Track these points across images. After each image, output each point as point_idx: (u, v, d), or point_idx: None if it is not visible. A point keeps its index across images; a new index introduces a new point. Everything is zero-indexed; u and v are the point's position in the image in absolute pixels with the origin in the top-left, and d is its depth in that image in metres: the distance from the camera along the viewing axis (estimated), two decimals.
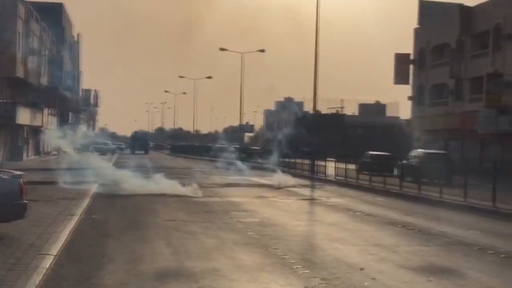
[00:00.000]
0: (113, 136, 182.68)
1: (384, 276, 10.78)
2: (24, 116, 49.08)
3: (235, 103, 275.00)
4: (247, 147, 77.83)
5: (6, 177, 14.31)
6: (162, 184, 27.79)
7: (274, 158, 50.53)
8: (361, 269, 11.30)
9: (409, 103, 75.16)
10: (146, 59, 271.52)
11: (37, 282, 9.43)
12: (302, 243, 14.02)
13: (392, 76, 73.53)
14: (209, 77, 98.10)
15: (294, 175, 41.92)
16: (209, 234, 15.27)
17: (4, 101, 44.74)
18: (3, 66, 44.55)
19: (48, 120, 65.06)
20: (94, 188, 27.53)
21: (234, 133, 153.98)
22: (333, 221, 18.17)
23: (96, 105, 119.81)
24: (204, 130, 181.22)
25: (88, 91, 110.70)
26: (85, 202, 21.95)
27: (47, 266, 10.63)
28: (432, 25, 68.70)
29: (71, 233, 14.71)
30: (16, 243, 12.51)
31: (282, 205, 22.66)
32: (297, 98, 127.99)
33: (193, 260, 11.76)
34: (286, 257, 12.34)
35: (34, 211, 17.96)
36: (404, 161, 33.60)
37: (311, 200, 25.25)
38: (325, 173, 40.68)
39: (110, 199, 23.74)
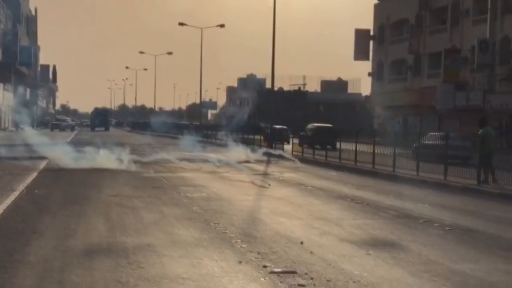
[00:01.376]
0: (75, 113, 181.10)
1: (323, 250, 10.45)
2: None
3: (197, 80, 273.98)
4: (207, 124, 77.18)
5: None
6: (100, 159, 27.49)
7: (233, 134, 50.22)
8: (301, 243, 10.96)
9: (370, 79, 75.39)
10: (105, 34, 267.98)
11: None
12: (245, 218, 13.64)
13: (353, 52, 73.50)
14: (170, 53, 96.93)
15: (252, 150, 41.56)
16: (152, 209, 14.81)
17: None
18: None
19: (3, 96, 63.69)
20: (43, 164, 26.92)
21: (197, 110, 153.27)
22: (281, 196, 17.84)
23: (54, 81, 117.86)
24: (168, 107, 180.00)
25: (46, 67, 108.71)
26: (31, 178, 21.37)
27: None
28: (391, 0, 68.61)
29: (7, 209, 14.16)
30: None
31: (233, 180, 22.26)
32: (259, 75, 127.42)
33: (128, 236, 11.30)
34: (226, 231, 11.95)
35: None
36: (302, 133, 41.78)
37: (264, 175, 24.89)
38: (282, 149, 40.49)
39: (57, 174, 23.14)
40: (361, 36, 72.19)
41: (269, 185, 20.30)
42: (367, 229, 12.59)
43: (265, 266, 9.19)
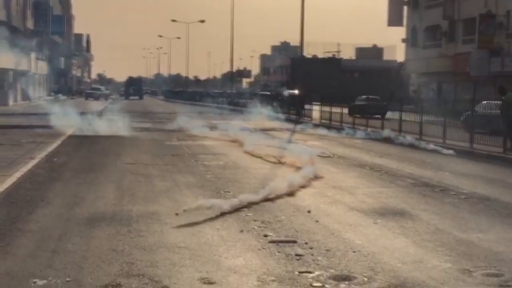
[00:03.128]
0: (111, 82, 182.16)
1: (329, 219, 10.22)
2: (7, 60, 48.19)
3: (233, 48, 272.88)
4: (238, 92, 76.87)
5: None
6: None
7: (264, 102, 49.96)
8: (308, 211, 10.74)
9: (404, 46, 74.16)
10: (138, 3, 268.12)
11: None
12: (256, 186, 13.38)
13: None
14: (202, 21, 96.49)
15: (280, 119, 41.34)
16: (166, 177, 14.70)
17: None
18: None
19: (36, 65, 64.13)
20: (69, 132, 26.99)
21: (233, 78, 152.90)
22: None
23: (88, 50, 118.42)
24: (203, 75, 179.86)
25: (80, 36, 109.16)
26: (53, 146, 21.38)
27: None
28: None
29: (22, 177, 14.14)
30: None
31: (254, 147, 22.01)
32: (293, 42, 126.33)
33: (135, 204, 11.19)
34: (235, 200, 11.77)
35: None
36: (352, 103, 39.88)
37: (287, 143, 24.60)
38: (311, 117, 40.15)
39: (80, 142, 23.17)
40: (394, 1, 70.92)
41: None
42: (380, 198, 12.31)
43: (266, 235, 9.01)
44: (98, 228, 9.28)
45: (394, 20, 71.94)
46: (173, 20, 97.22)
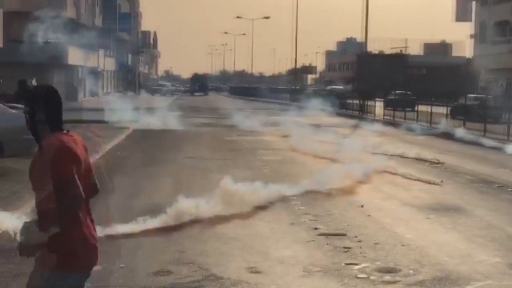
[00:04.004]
0: (177, 79, 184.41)
1: (381, 213, 10.28)
2: (76, 57, 49.40)
3: (298, 44, 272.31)
4: (301, 88, 76.83)
5: (15, 112, 14.24)
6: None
7: (326, 98, 49.83)
8: (361, 206, 10.81)
9: (473, 41, 72.86)
10: (202, 0, 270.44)
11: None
12: (313, 181, 13.49)
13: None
14: (267, 17, 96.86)
15: (342, 115, 41.27)
16: (223, 171, 14.87)
17: (55, 41, 44.99)
18: (53, 6, 44.66)
19: (104, 61, 65.48)
20: (134, 127, 27.59)
21: (298, 74, 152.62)
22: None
23: (155, 47, 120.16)
24: (268, 72, 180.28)
25: (147, 33, 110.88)
26: (117, 140, 21.94)
27: None
28: None
29: None
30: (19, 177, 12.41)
31: (313, 143, 22.07)
32: (359, 39, 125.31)
33: (188, 197, 11.42)
34: (287, 194, 11.93)
35: None
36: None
37: (345, 139, 24.57)
38: (374, 113, 39.91)
39: (144, 137, 23.68)
40: None
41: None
42: (435, 194, 12.27)
43: (316, 228, 9.13)
44: (153, 217, 9.54)
45: (461, 15, 70.92)
46: (238, 17, 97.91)
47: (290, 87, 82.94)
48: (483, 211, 10.60)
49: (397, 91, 45.48)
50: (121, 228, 8.75)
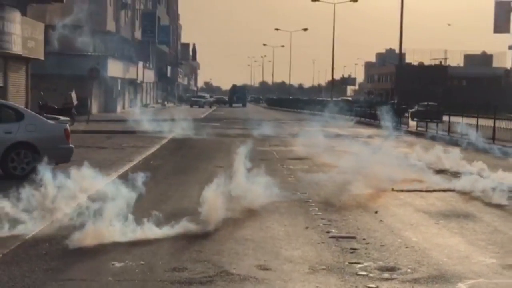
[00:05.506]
0: (217, 90, 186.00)
1: (393, 219, 10.80)
2: (116, 69, 50.67)
3: (336, 56, 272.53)
4: (339, 100, 77.12)
5: (52, 122, 15.11)
6: None
7: (362, 110, 50.25)
8: (376, 212, 11.34)
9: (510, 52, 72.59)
10: (242, 13, 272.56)
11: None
12: (334, 189, 14.04)
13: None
14: (305, 29, 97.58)
15: (377, 126, 41.60)
16: (250, 180, 15.52)
17: (96, 54, 46.30)
18: (93, 20, 45.96)
19: (143, 73, 66.83)
20: (168, 137, 28.40)
21: (336, 86, 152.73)
22: None
23: (194, 58, 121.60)
24: (307, 83, 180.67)
25: (186, 45, 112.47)
26: (152, 150, 22.73)
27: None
28: None
29: (118, 177, 15.35)
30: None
31: (341, 153, 22.57)
32: (398, 50, 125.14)
33: (211, 204, 12.04)
34: (309, 200, 12.53)
35: (97, 157, 18.91)
36: None
37: (377, 149, 24.97)
38: (407, 125, 40.22)
39: (177, 147, 24.45)
40: (501, 7, 69.69)
41: None
42: (451, 201, 12.72)
43: (328, 232, 9.70)
44: (177, 221, 10.18)
45: (500, 26, 70.70)
46: (277, 29, 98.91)
47: (322, 99, 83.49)
48: (492, 217, 11.04)
49: (424, 103, 45.92)
50: (147, 231, 9.39)
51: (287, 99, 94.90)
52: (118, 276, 7.34)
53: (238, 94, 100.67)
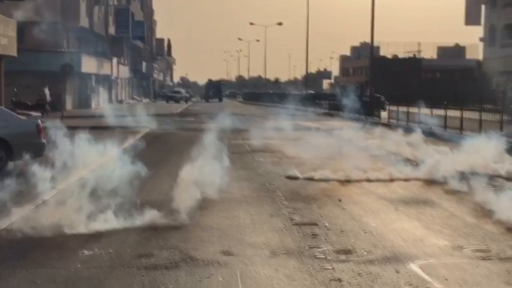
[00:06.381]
0: (193, 86, 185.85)
1: (356, 206, 11.20)
2: (90, 65, 50.70)
3: (313, 49, 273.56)
4: (315, 94, 77.62)
5: (24, 118, 15.34)
6: None
7: (337, 104, 50.78)
8: (339, 200, 11.74)
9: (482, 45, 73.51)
10: (216, 7, 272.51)
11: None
12: (301, 180, 14.42)
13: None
14: (280, 24, 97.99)
15: (349, 119, 42.14)
16: (220, 172, 15.85)
17: (69, 50, 46.34)
18: (66, 16, 45.99)
19: (118, 69, 66.83)
20: (142, 133, 28.64)
21: (313, 80, 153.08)
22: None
23: (169, 54, 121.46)
24: (284, 77, 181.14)
25: (161, 41, 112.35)
26: (125, 145, 22.95)
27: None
28: None
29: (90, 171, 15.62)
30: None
31: (310, 146, 22.94)
32: (374, 42, 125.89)
33: (181, 193, 12.33)
34: (277, 191, 12.90)
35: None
36: None
37: (346, 142, 25.43)
38: (379, 117, 40.83)
39: (151, 142, 24.69)
40: (472, 0, 70.45)
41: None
42: (413, 189, 13.17)
43: (292, 219, 10.08)
44: (144, 211, 10.48)
45: (471, 18, 71.49)
46: (251, 23, 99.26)
47: (303, 92, 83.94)
48: (451, 204, 11.49)
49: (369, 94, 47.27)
50: (116, 221, 9.70)
51: (263, 94, 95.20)
52: (87, 264, 7.66)
53: (214, 89, 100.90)
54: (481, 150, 16.67)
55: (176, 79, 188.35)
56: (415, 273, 7.18)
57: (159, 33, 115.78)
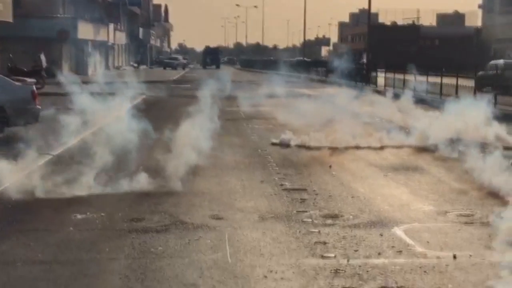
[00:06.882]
0: (191, 52, 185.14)
1: (345, 172, 11.39)
2: (86, 31, 50.44)
3: (311, 15, 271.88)
4: (312, 61, 77.50)
5: (19, 84, 15.44)
6: None
7: (333, 70, 50.76)
8: (330, 166, 11.91)
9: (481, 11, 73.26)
10: None
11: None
12: (294, 147, 14.56)
13: None
14: None
15: (348, 86, 42.19)
16: (214, 138, 15.98)
17: (64, 15, 46.12)
18: None
19: (114, 35, 66.52)
20: (140, 98, 28.68)
21: (311, 47, 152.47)
22: None
23: (166, 20, 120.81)
24: (283, 44, 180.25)
25: (158, 6, 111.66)
26: (121, 112, 23.05)
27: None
28: None
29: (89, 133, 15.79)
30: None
31: (302, 111, 22.96)
32: (373, 9, 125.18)
33: (175, 159, 12.47)
34: (268, 157, 13.07)
35: (66, 119, 19.28)
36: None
37: (339, 109, 25.51)
38: (376, 84, 40.89)
39: (146, 108, 24.78)
40: None
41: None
42: (403, 156, 13.36)
43: (282, 185, 10.27)
44: (137, 177, 10.63)
45: None
46: None
47: (300, 58, 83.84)
48: (440, 170, 11.67)
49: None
50: (110, 185, 9.87)
51: (259, 61, 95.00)
52: (79, 226, 7.85)
53: (211, 56, 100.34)
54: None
55: (174, 45, 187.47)
56: (398, 237, 7.38)
57: None
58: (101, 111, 22.14)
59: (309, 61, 73.38)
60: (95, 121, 19.13)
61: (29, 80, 16.76)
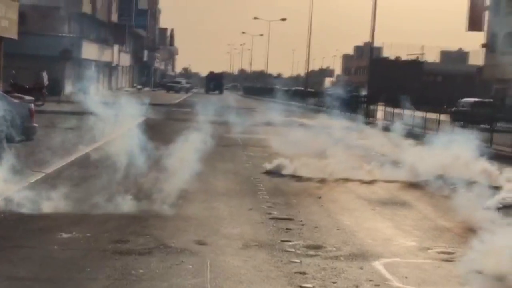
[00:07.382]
0: (195, 77, 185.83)
1: (334, 204, 11.49)
2: (90, 51, 50.83)
3: (316, 47, 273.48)
4: (314, 91, 77.80)
5: (17, 101, 15.59)
6: None
7: (332, 101, 51.00)
8: (319, 197, 12.01)
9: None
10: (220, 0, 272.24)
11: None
12: (287, 175, 14.67)
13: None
14: (283, 19, 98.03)
15: (345, 117, 42.36)
16: (208, 164, 16.10)
17: (70, 35, 46.51)
18: (69, 1, 46.19)
19: (119, 57, 66.97)
20: (137, 121, 28.81)
21: (316, 77, 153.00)
22: None
23: (171, 44, 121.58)
24: (287, 73, 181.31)
25: (164, 30, 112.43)
26: (118, 133, 23.19)
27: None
28: None
29: (76, 158, 15.92)
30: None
31: (302, 142, 23.13)
32: (377, 43, 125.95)
33: (166, 184, 12.56)
34: (260, 185, 13.16)
35: (60, 138, 19.43)
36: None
37: (338, 140, 25.66)
38: (374, 117, 41.08)
39: (144, 130, 24.90)
40: (475, 6, 70.66)
41: None
42: (393, 191, 13.44)
43: (269, 213, 10.36)
44: (126, 199, 10.71)
45: (474, 24, 71.68)
46: (255, 18, 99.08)
47: (300, 88, 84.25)
48: (427, 207, 11.77)
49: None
50: (98, 206, 9.97)
51: (262, 88, 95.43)
52: (64, 246, 7.94)
53: (215, 81, 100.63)
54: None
55: (179, 69, 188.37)
56: (377, 271, 7.47)
57: (163, 22, 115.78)
58: (98, 131, 22.30)
59: (307, 91, 74.26)
60: (90, 141, 19.29)
61: (27, 97, 16.89)
